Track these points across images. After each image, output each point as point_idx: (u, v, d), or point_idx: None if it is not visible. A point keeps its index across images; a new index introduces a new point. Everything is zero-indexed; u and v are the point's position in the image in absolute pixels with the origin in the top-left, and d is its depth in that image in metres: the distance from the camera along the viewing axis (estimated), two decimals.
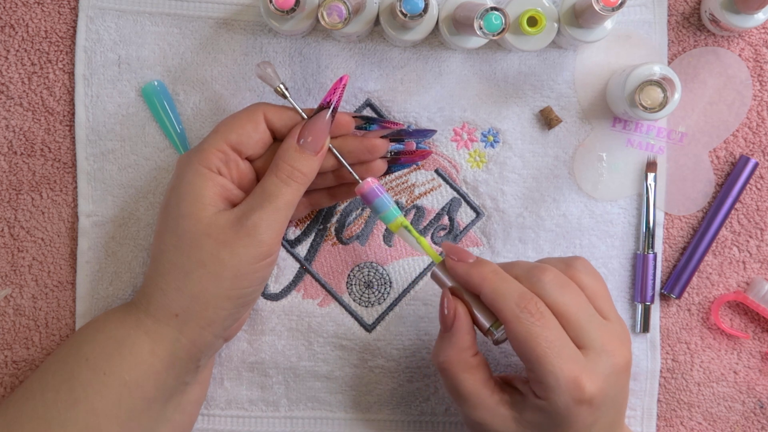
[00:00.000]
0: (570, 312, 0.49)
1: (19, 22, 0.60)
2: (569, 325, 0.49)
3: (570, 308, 0.49)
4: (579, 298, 0.50)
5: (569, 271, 0.51)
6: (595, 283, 0.51)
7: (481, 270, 0.50)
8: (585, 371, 0.48)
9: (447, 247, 0.52)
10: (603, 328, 0.50)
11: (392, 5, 0.54)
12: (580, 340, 0.49)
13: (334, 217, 0.61)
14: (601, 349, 0.49)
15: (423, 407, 0.61)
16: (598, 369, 0.48)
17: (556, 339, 0.48)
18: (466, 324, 0.51)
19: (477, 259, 0.51)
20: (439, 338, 0.52)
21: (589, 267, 0.52)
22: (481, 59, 0.60)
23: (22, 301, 0.60)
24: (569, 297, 0.49)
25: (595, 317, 0.50)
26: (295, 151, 0.52)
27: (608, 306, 0.51)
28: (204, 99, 0.60)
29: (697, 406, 0.62)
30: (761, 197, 0.62)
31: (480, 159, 0.61)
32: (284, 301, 0.61)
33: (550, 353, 0.47)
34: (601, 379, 0.48)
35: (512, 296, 0.49)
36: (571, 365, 0.47)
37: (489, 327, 0.51)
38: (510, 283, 0.50)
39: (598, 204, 0.61)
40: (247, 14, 0.59)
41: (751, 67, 0.61)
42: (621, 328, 0.51)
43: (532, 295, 0.49)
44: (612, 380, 0.49)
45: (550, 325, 0.48)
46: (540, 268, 0.50)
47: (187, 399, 0.54)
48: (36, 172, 0.60)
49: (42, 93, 0.60)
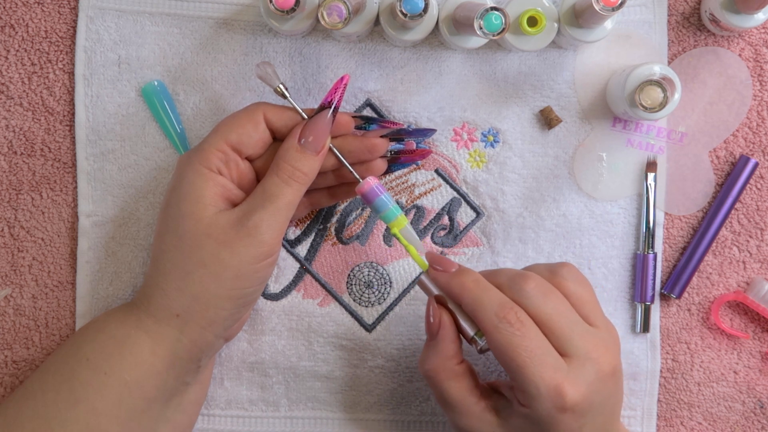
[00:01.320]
0: (553, 320, 0.49)
1: (19, 22, 0.60)
2: (552, 333, 0.49)
3: (553, 316, 0.49)
4: (562, 305, 0.50)
5: (554, 279, 0.51)
6: (582, 289, 0.51)
7: (461, 279, 0.51)
8: (567, 379, 0.48)
9: (430, 256, 0.53)
10: (587, 335, 0.50)
11: (392, 5, 0.54)
12: (563, 348, 0.49)
13: (334, 217, 0.61)
14: (586, 356, 0.49)
15: (423, 407, 0.61)
16: (582, 376, 0.48)
17: (536, 348, 0.48)
18: (451, 332, 0.51)
19: (459, 269, 0.51)
20: (426, 346, 0.52)
21: (576, 273, 0.52)
22: (481, 59, 0.60)
23: (22, 301, 0.60)
24: (552, 305, 0.49)
25: (580, 324, 0.50)
26: (296, 151, 0.52)
27: (595, 312, 0.51)
28: (204, 99, 0.60)
29: (697, 406, 0.62)
30: (761, 197, 0.62)
31: (480, 159, 0.61)
32: (284, 301, 0.61)
33: (530, 362, 0.47)
34: (584, 386, 0.48)
35: (492, 306, 0.49)
36: (552, 373, 0.47)
37: (473, 336, 0.51)
38: (490, 292, 0.50)
39: (598, 204, 0.61)
40: (247, 14, 0.59)
41: (751, 67, 0.61)
42: (608, 334, 0.51)
43: (512, 304, 0.49)
44: (597, 387, 0.49)
45: (531, 335, 0.48)
46: (523, 276, 0.50)
47: (187, 399, 0.54)
48: (36, 172, 0.60)
49: (42, 93, 0.60)
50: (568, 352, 0.49)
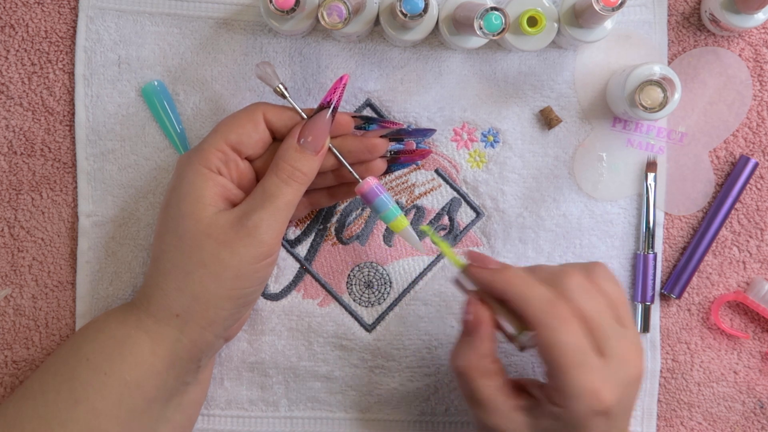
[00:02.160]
0: (594, 319, 0.48)
1: (19, 22, 0.60)
2: (592, 332, 0.48)
3: (593, 315, 0.48)
4: (602, 304, 0.49)
5: (590, 278, 0.50)
6: (616, 289, 0.51)
7: (506, 275, 0.50)
8: (605, 382, 0.47)
9: (472, 255, 0.52)
10: (622, 337, 0.49)
11: (392, 5, 0.54)
12: (601, 347, 0.48)
13: (334, 217, 0.61)
14: (621, 358, 0.48)
15: (423, 407, 0.61)
16: (617, 379, 0.48)
17: (580, 347, 0.47)
18: (489, 330, 0.51)
19: (502, 265, 0.51)
20: (460, 343, 0.51)
21: (610, 274, 0.51)
22: (481, 59, 0.60)
23: (22, 301, 0.60)
24: (593, 303, 0.49)
25: (615, 325, 0.49)
26: (295, 151, 0.52)
27: (627, 314, 0.51)
28: (204, 99, 0.60)
29: (697, 406, 0.62)
30: (761, 197, 0.62)
31: (480, 159, 0.61)
32: (284, 301, 0.61)
33: (574, 362, 0.47)
34: (619, 390, 0.48)
35: (540, 301, 0.48)
36: (591, 375, 0.47)
37: (515, 333, 0.50)
38: (537, 288, 0.49)
39: (598, 204, 0.61)
40: (247, 14, 0.59)
41: (751, 67, 0.61)
42: (636, 337, 0.51)
43: (560, 300, 0.48)
44: (628, 390, 0.48)
45: (576, 332, 0.47)
46: (565, 273, 0.49)
47: (187, 399, 0.54)
48: (36, 172, 0.60)
49: (42, 93, 0.60)
50: (605, 352, 0.48)
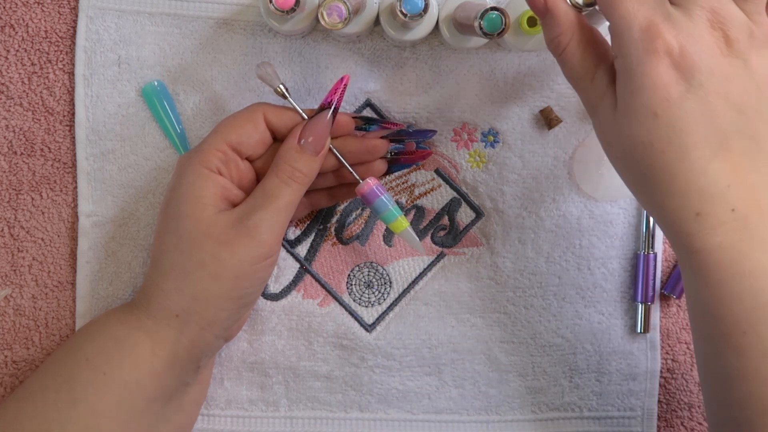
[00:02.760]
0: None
1: (19, 22, 0.60)
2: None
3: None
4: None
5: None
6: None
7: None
8: (665, 21, 0.41)
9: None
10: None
11: (392, 5, 0.54)
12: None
13: (334, 217, 0.61)
14: (697, 4, 0.42)
15: (423, 407, 0.61)
16: (687, 28, 0.41)
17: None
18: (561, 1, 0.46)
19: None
20: (543, 27, 0.48)
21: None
22: (481, 59, 0.60)
23: (22, 301, 0.60)
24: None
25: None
26: (295, 152, 0.52)
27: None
28: (204, 99, 0.60)
29: (697, 407, 0.62)
30: None
31: (480, 159, 0.61)
32: (284, 301, 0.61)
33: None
34: (689, 39, 0.41)
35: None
36: (647, 11, 0.42)
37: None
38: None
39: (598, 204, 0.61)
40: (247, 14, 0.59)
41: None
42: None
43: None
44: (705, 48, 0.41)
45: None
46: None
47: (187, 399, 0.55)
48: (36, 172, 0.60)
49: (42, 93, 0.60)
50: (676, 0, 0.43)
